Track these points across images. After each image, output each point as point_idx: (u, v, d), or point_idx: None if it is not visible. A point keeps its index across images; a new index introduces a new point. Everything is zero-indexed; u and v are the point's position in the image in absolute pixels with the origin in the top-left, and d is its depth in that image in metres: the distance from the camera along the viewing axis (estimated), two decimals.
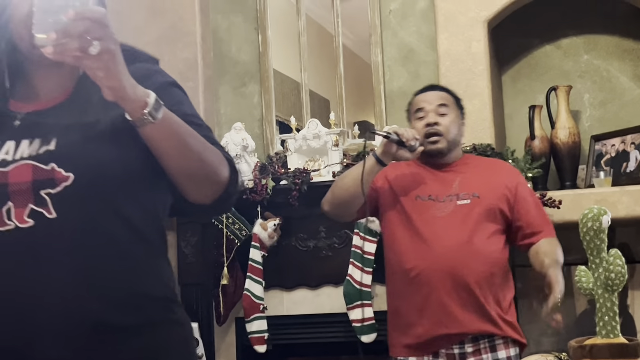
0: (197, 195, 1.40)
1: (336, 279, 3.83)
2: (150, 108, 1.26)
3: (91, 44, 1.17)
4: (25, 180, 1.33)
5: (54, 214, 1.32)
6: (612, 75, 4.03)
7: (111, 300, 1.34)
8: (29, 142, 1.37)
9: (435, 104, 2.80)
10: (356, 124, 4.29)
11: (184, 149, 1.33)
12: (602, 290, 2.75)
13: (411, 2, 4.22)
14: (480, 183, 2.75)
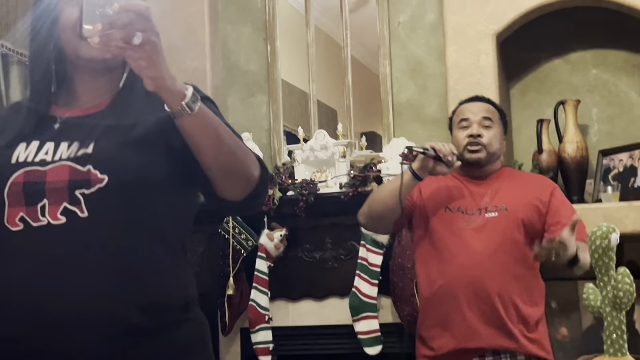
0: (229, 191, 1.43)
1: (342, 291, 3.82)
2: (188, 100, 1.31)
3: (134, 34, 1.22)
4: (62, 180, 1.39)
5: (85, 213, 1.38)
6: (621, 90, 4.02)
7: (134, 299, 1.39)
8: (68, 145, 1.43)
9: (480, 116, 2.78)
10: (363, 135, 4.30)
11: (219, 142, 1.37)
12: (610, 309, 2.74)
13: (420, 14, 4.23)
14: (510, 196, 2.72)
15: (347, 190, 3.78)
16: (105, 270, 1.37)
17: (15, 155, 1.45)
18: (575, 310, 3.83)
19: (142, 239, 1.42)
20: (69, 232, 1.38)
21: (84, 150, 1.42)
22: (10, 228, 1.40)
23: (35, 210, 1.39)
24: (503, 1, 3.86)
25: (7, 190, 1.41)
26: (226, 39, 4.56)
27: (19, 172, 1.42)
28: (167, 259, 1.46)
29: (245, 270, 3.92)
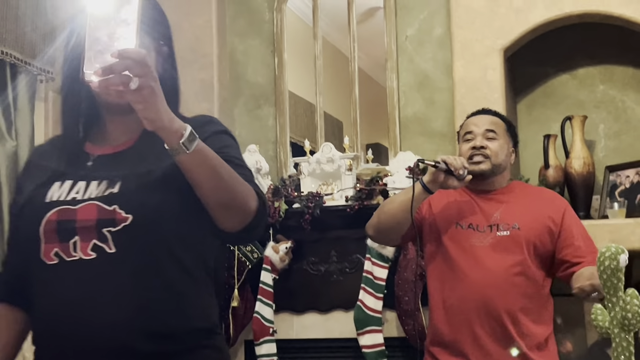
0: (226, 223, 1.52)
1: (347, 304, 3.82)
2: (184, 139, 1.40)
3: (131, 79, 1.32)
4: (91, 218, 1.51)
5: (113, 249, 1.49)
6: (628, 106, 4.02)
7: (157, 328, 1.50)
8: (97, 184, 1.55)
9: (484, 128, 2.77)
10: (370, 148, 4.30)
11: (215, 178, 1.45)
12: (618, 330, 2.72)
13: (428, 28, 4.23)
14: (522, 214, 2.71)
15: (353, 204, 3.78)
16: (131, 302, 1.49)
17: (49, 194, 1.57)
18: (581, 326, 3.81)
19: (164, 272, 1.52)
20: (99, 266, 1.49)
21: (111, 190, 1.53)
22: (46, 262, 1.52)
23: (68, 247, 1.51)
24: (510, 16, 3.87)
25: (42, 228, 1.54)
26: (234, 51, 4.58)
27: (53, 211, 1.54)
28: (188, 289, 1.56)
29: (250, 282, 3.92)
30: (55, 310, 1.50)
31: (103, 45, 1.33)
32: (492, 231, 2.69)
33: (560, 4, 3.80)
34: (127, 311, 1.48)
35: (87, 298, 1.48)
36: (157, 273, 1.51)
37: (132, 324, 1.48)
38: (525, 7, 3.85)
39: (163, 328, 1.51)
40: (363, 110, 4.36)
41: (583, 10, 3.78)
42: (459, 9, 3.96)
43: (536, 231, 2.68)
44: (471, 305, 2.62)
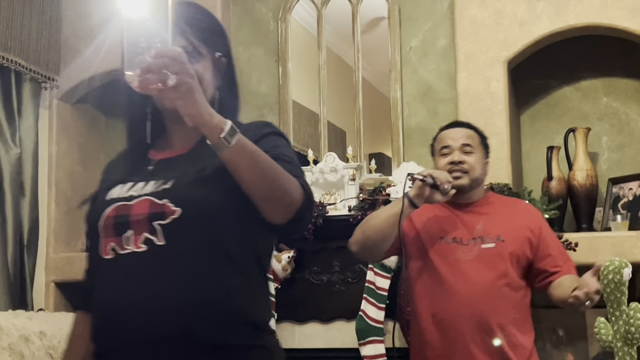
0: (271, 215, 1.54)
1: (349, 314, 3.81)
2: (225, 134, 1.44)
3: (168, 77, 1.37)
4: (143, 212, 1.57)
5: (162, 241, 1.54)
6: (631, 119, 4.02)
7: (204, 319, 1.52)
8: (154, 183, 1.61)
9: (461, 142, 2.79)
10: (373, 158, 4.30)
11: (257, 170, 1.49)
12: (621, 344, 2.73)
13: (432, 39, 4.24)
14: (504, 225, 2.73)
15: (355, 214, 3.78)
16: (179, 292, 1.52)
17: (110, 193, 1.65)
18: (583, 338, 3.81)
19: (211, 264, 1.55)
20: (149, 258, 1.54)
21: (164, 186, 1.59)
22: (104, 257, 1.59)
23: (122, 240, 1.57)
24: (514, 28, 3.88)
25: (101, 223, 1.61)
26: (238, 60, 4.52)
27: (111, 207, 1.61)
28: (236, 281, 1.58)
29: None
30: (110, 304, 1.56)
31: (140, 46, 1.39)
32: (477, 244, 2.71)
33: (564, 16, 3.81)
34: (174, 303, 1.51)
35: (138, 290, 1.53)
36: (205, 266, 1.54)
37: (179, 316, 1.51)
38: (529, 19, 3.86)
39: (210, 321, 1.53)
40: (366, 120, 4.37)
41: (587, 22, 3.79)
42: (463, 21, 3.98)
43: (519, 242, 2.72)
44: (464, 320, 2.63)
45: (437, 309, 2.68)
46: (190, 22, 1.65)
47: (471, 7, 3.96)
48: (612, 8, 3.73)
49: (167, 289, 1.52)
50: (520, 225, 2.75)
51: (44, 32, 4.32)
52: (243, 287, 1.59)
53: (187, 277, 1.53)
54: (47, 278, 4.41)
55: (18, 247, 4.09)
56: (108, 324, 1.57)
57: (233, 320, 1.56)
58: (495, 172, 3.76)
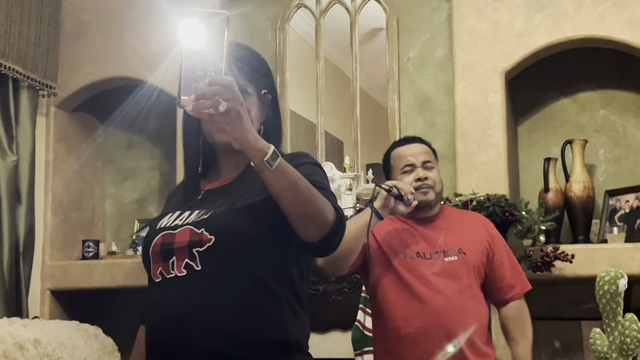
0: (305, 232, 1.64)
1: (345, 324, 3.80)
2: (268, 157, 1.54)
3: (219, 103, 1.47)
4: (184, 240, 1.71)
5: (199, 267, 1.69)
6: (628, 131, 4.03)
7: (236, 340, 1.66)
8: (198, 212, 1.75)
9: (422, 159, 2.82)
10: (370, 168, 4.30)
11: (295, 191, 1.59)
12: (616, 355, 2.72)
13: (429, 50, 4.25)
14: (463, 238, 2.78)
15: None
16: (214, 313, 1.66)
17: (161, 222, 1.81)
18: (579, 350, 3.80)
19: (241, 289, 1.68)
20: (189, 282, 1.69)
21: (204, 217, 1.73)
22: (155, 280, 1.76)
23: (168, 265, 1.73)
24: (512, 40, 3.89)
25: (151, 250, 1.77)
26: None
27: (159, 235, 1.77)
28: (267, 304, 1.70)
29: None
30: (157, 323, 1.73)
31: (196, 74, 1.50)
32: (440, 257, 2.73)
33: (562, 29, 3.82)
34: (208, 325, 1.66)
35: (179, 311, 1.68)
36: (235, 290, 1.68)
37: (212, 333, 1.66)
38: (527, 31, 3.87)
39: (241, 339, 1.66)
40: (364, 130, 4.37)
41: (584, 34, 3.80)
42: (461, 32, 3.99)
43: (479, 254, 2.77)
44: (432, 334, 2.65)
45: (405, 322, 2.69)
46: (238, 63, 1.77)
47: (469, 19, 3.98)
48: (609, 20, 3.75)
49: (202, 312, 1.67)
50: (478, 237, 2.81)
51: (42, 40, 4.32)
52: (275, 310, 1.71)
53: (219, 301, 1.67)
54: (43, 286, 4.40)
55: (14, 254, 4.08)
56: (157, 342, 1.73)
57: (261, 341, 1.68)
58: (492, 183, 3.77)
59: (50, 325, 3.73)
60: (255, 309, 1.69)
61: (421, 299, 2.67)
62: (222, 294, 1.68)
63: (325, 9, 4.47)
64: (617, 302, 2.75)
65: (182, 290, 1.71)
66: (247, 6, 4.60)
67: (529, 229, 3.60)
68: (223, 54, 1.53)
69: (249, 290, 1.69)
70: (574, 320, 3.76)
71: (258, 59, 1.87)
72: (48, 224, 4.47)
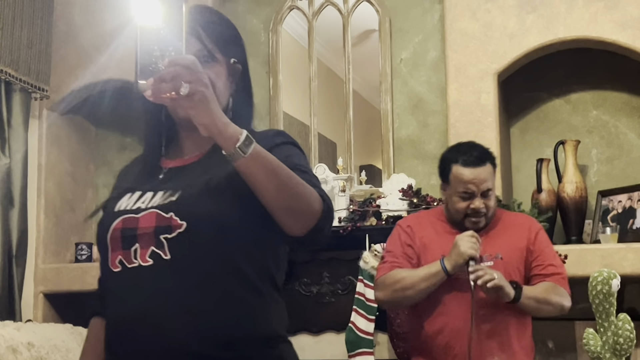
0: (290, 226, 1.49)
1: (338, 326, 3.81)
2: (240, 143, 1.40)
3: (182, 85, 1.34)
4: (150, 226, 1.54)
5: (168, 255, 1.51)
6: (621, 132, 4.04)
7: (211, 336, 1.50)
8: (163, 193, 1.58)
9: (483, 189, 2.78)
10: (363, 169, 4.30)
11: (275, 181, 1.44)
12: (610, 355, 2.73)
13: (422, 52, 4.26)
14: (502, 242, 2.78)
15: (346, 225, 3.78)
16: (185, 307, 1.49)
17: (119, 204, 1.63)
18: (572, 350, 3.81)
19: (219, 280, 1.52)
20: (156, 273, 1.52)
21: (171, 198, 1.56)
22: (113, 270, 1.58)
23: (130, 254, 1.55)
24: (504, 41, 3.90)
25: (109, 236, 1.59)
26: None
27: (119, 220, 1.59)
28: (248, 298, 1.54)
29: None
30: (118, 317, 1.56)
31: (153, 55, 1.38)
32: (477, 262, 2.73)
33: (554, 30, 3.83)
34: (180, 316, 1.49)
35: (144, 304, 1.51)
36: (212, 281, 1.51)
37: (185, 329, 1.49)
38: (519, 32, 3.88)
39: (215, 335, 1.50)
40: (357, 132, 4.37)
41: (576, 35, 3.81)
42: (454, 33, 3.99)
43: (516, 260, 2.77)
44: (462, 339, 2.68)
45: (437, 327, 2.74)
46: (206, 27, 1.62)
47: (461, 20, 3.98)
48: (601, 21, 3.76)
49: (173, 303, 1.50)
50: (518, 242, 2.80)
51: (35, 42, 4.31)
52: (254, 303, 1.56)
53: (193, 291, 1.50)
54: (36, 289, 4.39)
55: (6, 257, 4.07)
56: (117, 337, 1.57)
57: (242, 336, 1.52)
58: None
59: (44, 328, 3.72)
60: (235, 302, 1.53)
61: (453, 305, 2.72)
62: (197, 286, 1.51)
63: (317, 11, 4.47)
64: (610, 302, 2.76)
65: (149, 282, 1.52)
66: (240, 8, 4.61)
67: None
68: (182, 31, 1.40)
69: (227, 282, 1.52)
70: (567, 321, 3.76)
71: (227, 25, 1.70)
72: (41, 226, 4.45)
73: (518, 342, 2.74)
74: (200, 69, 1.37)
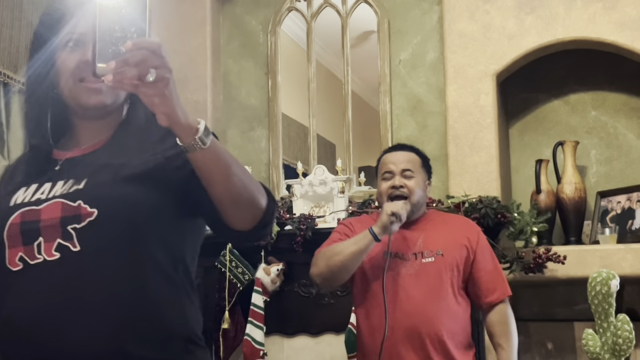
0: (237, 221, 1.45)
1: (338, 327, 3.80)
2: (200, 134, 1.32)
3: (148, 71, 1.24)
4: (54, 217, 1.42)
5: (78, 247, 1.39)
6: (619, 132, 4.04)
7: (128, 333, 1.38)
8: (63, 183, 1.47)
9: (401, 167, 2.83)
10: (362, 171, 4.30)
11: (229, 175, 1.38)
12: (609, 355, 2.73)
13: (421, 53, 4.26)
14: (443, 240, 2.78)
15: None
16: (100, 303, 1.38)
17: (14, 198, 1.50)
18: (572, 351, 3.81)
19: (135, 273, 1.41)
20: (64, 267, 1.39)
21: (76, 187, 1.45)
22: (12, 269, 1.43)
23: (32, 249, 1.41)
24: (503, 42, 3.90)
25: (6, 232, 1.45)
26: (228, 72, 4.59)
27: (16, 214, 1.46)
28: (164, 293, 1.45)
29: (241, 304, 3.90)
30: (20, 320, 1.40)
31: (114, 36, 1.27)
32: (417, 259, 2.74)
33: (553, 30, 3.83)
34: (93, 315, 1.37)
35: (51, 302, 1.38)
36: (127, 274, 1.40)
37: (99, 329, 1.37)
38: (518, 33, 3.88)
39: (134, 332, 1.39)
40: (356, 133, 4.37)
41: (575, 36, 3.81)
42: (452, 34, 3.99)
43: (457, 257, 2.75)
44: (401, 335, 2.65)
45: (376, 322, 2.70)
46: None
47: (460, 21, 3.98)
48: (600, 22, 3.76)
49: (85, 300, 1.37)
50: (458, 239, 2.80)
51: None
52: (171, 298, 1.46)
53: (106, 285, 1.38)
54: None
55: None
56: (19, 340, 1.40)
57: (159, 335, 1.42)
58: (484, 185, 3.77)
59: None
60: (152, 298, 1.42)
61: (394, 300, 2.68)
62: (111, 280, 1.39)
63: (316, 12, 4.47)
64: (609, 303, 2.76)
65: (54, 278, 1.39)
66: (238, 9, 4.61)
67: (521, 230, 3.60)
68: (146, 11, 1.29)
69: (143, 275, 1.41)
70: (566, 322, 3.76)
71: None
72: None
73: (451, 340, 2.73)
74: (166, 54, 1.27)
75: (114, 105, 1.55)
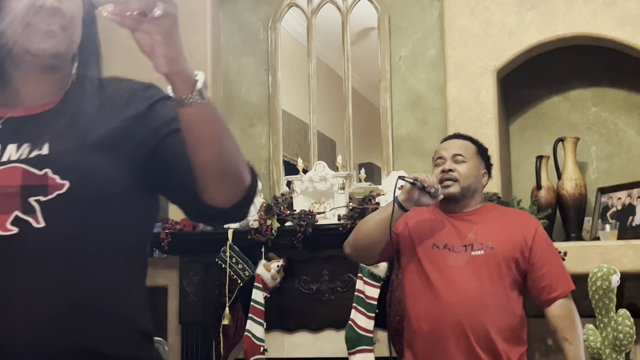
0: (219, 195, 1.28)
1: (338, 323, 3.80)
2: (200, 86, 1.17)
3: (155, 5, 1.08)
4: (12, 185, 1.22)
5: (42, 223, 1.21)
6: (620, 129, 4.04)
7: (90, 320, 1.23)
8: (17, 146, 1.27)
9: (452, 152, 2.82)
10: (362, 167, 4.31)
11: (220, 137, 1.23)
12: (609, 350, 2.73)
13: (421, 49, 4.25)
14: (495, 234, 2.73)
15: (345, 222, 3.78)
16: (62, 284, 1.21)
17: None
18: None
19: (100, 253, 1.26)
20: (22, 244, 1.20)
21: (38, 152, 1.26)
22: None
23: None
24: (504, 38, 3.90)
25: None
26: (228, 69, 4.59)
27: None
28: (125, 276, 1.31)
29: (241, 301, 3.90)
30: None
31: None
32: (467, 251, 2.72)
33: (553, 27, 3.83)
34: (54, 298, 1.20)
35: (11, 290, 1.19)
36: (91, 253, 1.24)
37: (58, 313, 1.20)
38: (518, 29, 3.88)
39: (95, 319, 1.24)
40: (356, 129, 4.37)
41: (575, 32, 3.81)
42: (453, 30, 3.99)
43: (509, 251, 2.71)
44: (445, 327, 2.64)
45: (421, 313, 2.70)
46: None
47: (461, 17, 3.98)
48: (600, 18, 3.75)
49: (47, 282, 1.20)
50: (513, 233, 2.74)
51: None
52: (135, 288, 1.33)
53: (71, 269, 1.22)
54: None
55: None
56: None
57: (124, 325, 1.29)
58: None
59: None
60: (115, 282, 1.27)
61: (439, 292, 2.67)
62: (75, 264, 1.22)
63: (316, 8, 4.47)
64: (610, 298, 2.76)
65: (10, 257, 1.19)
66: (239, 5, 4.60)
67: None
68: None
69: (108, 257, 1.26)
70: None
71: None
72: None
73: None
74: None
75: (65, 57, 1.36)
